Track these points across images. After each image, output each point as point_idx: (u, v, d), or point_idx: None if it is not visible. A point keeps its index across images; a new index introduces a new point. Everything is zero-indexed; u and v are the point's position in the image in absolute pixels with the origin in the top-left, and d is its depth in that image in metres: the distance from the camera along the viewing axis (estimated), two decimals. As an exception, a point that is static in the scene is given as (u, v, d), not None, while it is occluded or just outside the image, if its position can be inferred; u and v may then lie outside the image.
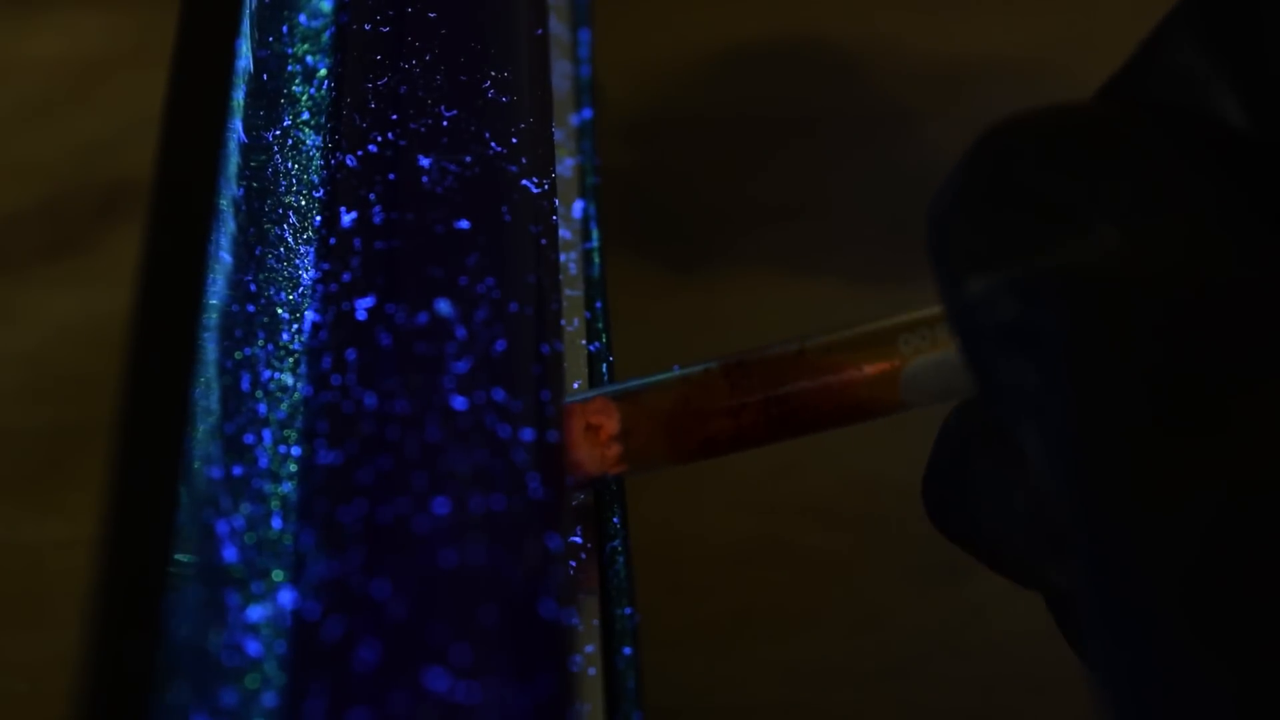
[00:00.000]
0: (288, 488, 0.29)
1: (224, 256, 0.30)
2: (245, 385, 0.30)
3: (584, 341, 0.34)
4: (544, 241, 0.32)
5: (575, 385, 0.33)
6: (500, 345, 0.29)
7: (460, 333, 0.29)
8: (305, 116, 0.34)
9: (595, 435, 0.30)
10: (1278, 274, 0.23)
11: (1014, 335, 0.24)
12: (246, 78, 0.32)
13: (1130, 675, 0.22)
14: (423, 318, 0.29)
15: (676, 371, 0.30)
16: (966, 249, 0.25)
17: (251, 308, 0.31)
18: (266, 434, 0.29)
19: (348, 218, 0.31)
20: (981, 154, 0.26)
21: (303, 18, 0.35)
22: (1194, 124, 0.25)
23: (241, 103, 0.32)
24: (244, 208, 0.31)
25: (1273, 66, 0.24)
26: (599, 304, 0.34)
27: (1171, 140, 0.25)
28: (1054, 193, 0.25)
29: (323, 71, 0.34)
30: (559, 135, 0.36)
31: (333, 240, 0.31)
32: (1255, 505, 0.22)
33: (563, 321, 0.32)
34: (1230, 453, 0.22)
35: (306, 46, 0.35)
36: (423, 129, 0.32)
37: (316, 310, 0.30)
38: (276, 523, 0.28)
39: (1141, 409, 0.23)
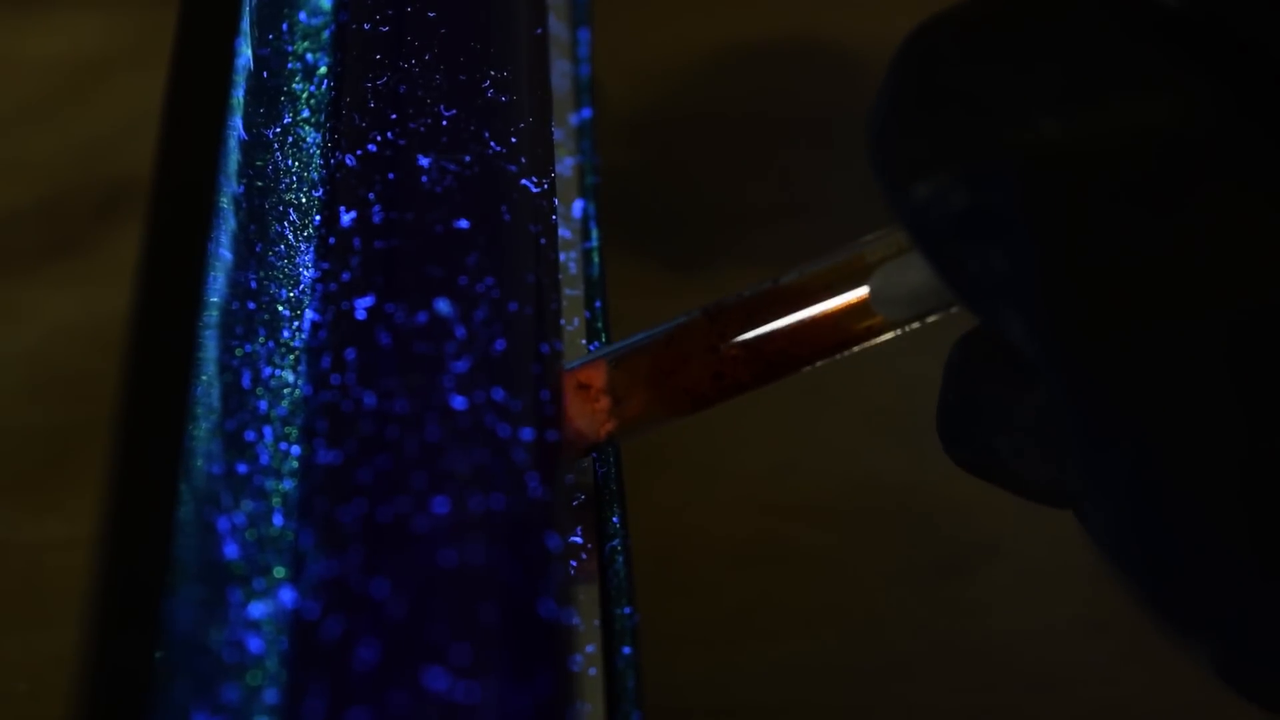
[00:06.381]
0: (289, 484, 0.29)
1: (224, 254, 0.30)
2: (246, 382, 0.30)
3: (584, 341, 0.34)
4: (544, 241, 0.32)
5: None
6: (500, 345, 0.29)
7: (460, 332, 0.29)
8: (305, 114, 0.34)
9: (586, 394, 0.30)
10: (1225, 116, 0.24)
11: (972, 224, 0.25)
12: (247, 75, 0.32)
13: (1125, 493, 0.24)
14: (422, 317, 0.29)
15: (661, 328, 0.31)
16: (907, 157, 0.25)
17: (252, 305, 0.31)
18: (267, 431, 0.29)
19: (347, 217, 0.31)
20: (906, 61, 0.26)
21: (303, 15, 0.35)
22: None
23: (242, 100, 0.32)
24: (244, 205, 0.31)
25: None
26: (599, 304, 0.34)
27: (1100, 8, 0.25)
28: (982, 89, 0.25)
29: (323, 69, 0.34)
30: (559, 135, 0.35)
31: (332, 240, 0.31)
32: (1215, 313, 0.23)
33: (563, 321, 0.32)
34: (1188, 275, 0.23)
35: (306, 44, 0.35)
36: (422, 128, 0.32)
37: (316, 310, 0.30)
38: (278, 519, 0.28)
39: (1106, 255, 0.24)
